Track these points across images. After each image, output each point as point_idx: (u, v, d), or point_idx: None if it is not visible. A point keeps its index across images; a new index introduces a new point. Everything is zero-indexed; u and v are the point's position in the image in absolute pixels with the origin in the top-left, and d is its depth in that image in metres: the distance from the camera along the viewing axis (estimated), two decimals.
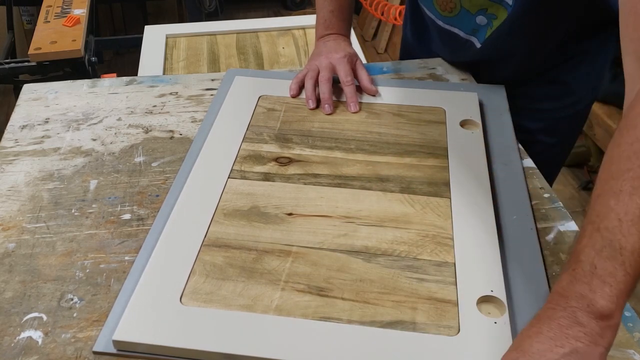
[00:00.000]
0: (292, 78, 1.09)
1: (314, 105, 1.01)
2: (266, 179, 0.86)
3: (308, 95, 1.02)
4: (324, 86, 1.02)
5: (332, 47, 1.08)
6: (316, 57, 1.08)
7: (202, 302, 0.68)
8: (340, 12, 1.12)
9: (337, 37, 1.11)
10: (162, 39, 1.60)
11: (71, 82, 1.13)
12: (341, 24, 1.13)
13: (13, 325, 0.67)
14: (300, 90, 1.05)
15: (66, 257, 0.75)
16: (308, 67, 1.07)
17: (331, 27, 1.12)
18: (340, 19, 1.12)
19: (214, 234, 0.77)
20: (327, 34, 1.11)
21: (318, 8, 1.14)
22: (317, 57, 1.08)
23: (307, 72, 1.06)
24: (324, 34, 1.12)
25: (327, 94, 1.01)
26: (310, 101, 1.01)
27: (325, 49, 1.09)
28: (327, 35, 1.11)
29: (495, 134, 0.96)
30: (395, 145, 0.94)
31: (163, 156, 0.93)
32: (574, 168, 2.47)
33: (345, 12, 1.13)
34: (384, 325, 0.65)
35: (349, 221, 0.79)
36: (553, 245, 0.77)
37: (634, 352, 0.63)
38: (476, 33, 1.05)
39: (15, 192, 0.86)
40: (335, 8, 1.12)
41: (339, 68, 1.04)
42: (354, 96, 1.01)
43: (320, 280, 0.70)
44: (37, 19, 2.06)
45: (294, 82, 1.05)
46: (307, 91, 1.03)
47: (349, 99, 1.01)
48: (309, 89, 1.02)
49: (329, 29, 1.11)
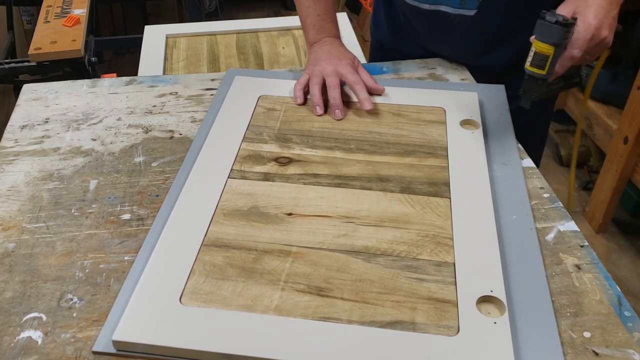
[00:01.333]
0: (292, 78, 1.09)
1: (322, 112, 1.00)
2: (266, 179, 0.86)
3: (316, 101, 1.01)
4: (334, 92, 1.01)
5: (331, 52, 1.08)
6: (317, 62, 1.07)
7: (202, 302, 0.68)
8: (328, 15, 1.12)
9: (333, 41, 1.11)
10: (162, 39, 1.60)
11: (71, 82, 1.13)
12: (332, 26, 1.13)
13: (13, 325, 0.67)
14: (306, 96, 1.04)
15: (66, 257, 0.75)
16: (310, 73, 1.05)
17: (323, 31, 1.11)
18: (329, 21, 1.12)
19: (214, 234, 0.77)
20: (320, 38, 1.11)
21: (303, 15, 1.13)
22: (318, 62, 1.06)
23: (309, 78, 1.04)
24: (317, 39, 1.11)
25: (337, 99, 1.00)
26: (318, 107, 1.00)
27: (324, 54, 1.08)
28: (321, 40, 1.11)
29: (495, 134, 0.96)
30: (395, 145, 0.94)
31: (163, 156, 0.93)
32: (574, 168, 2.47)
33: (332, 14, 1.13)
34: (383, 325, 0.65)
35: (349, 221, 0.79)
36: (553, 245, 0.77)
37: (634, 352, 0.63)
38: (465, 3, 1.06)
39: (15, 192, 0.86)
40: (322, 12, 1.11)
41: (344, 72, 1.03)
42: (366, 94, 1.01)
43: (320, 280, 0.70)
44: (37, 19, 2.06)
45: (298, 89, 1.04)
46: (314, 97, 1.01)
47: (361, 98, 1.00)
48: (317, 95, 1.01)
49: (321, 33, 1.11)
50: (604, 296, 0.70)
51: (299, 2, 1.13)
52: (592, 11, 0.83)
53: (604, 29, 0.83)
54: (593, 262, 0.74)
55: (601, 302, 0.69)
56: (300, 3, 1.13)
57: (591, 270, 0.73)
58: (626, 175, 2.04)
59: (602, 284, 0.71)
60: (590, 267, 0.74)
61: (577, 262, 0.74)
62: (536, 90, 0.86)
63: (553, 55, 0.83)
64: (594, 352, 0.63)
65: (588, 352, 0.64)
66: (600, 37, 0.83)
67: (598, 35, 0.83)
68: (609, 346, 0.64)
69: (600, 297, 0.70)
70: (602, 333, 0.65)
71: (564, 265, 0.74)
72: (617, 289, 0.71)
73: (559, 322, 0.66)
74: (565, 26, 0.81)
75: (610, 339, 0.65)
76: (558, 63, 0.84)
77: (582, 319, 0.67)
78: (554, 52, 0.82)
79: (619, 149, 2.02)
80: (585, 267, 0.74)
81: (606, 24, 0.83)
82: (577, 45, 0.83)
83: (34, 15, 3.00)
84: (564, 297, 0.70)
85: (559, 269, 0.73)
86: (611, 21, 0.84)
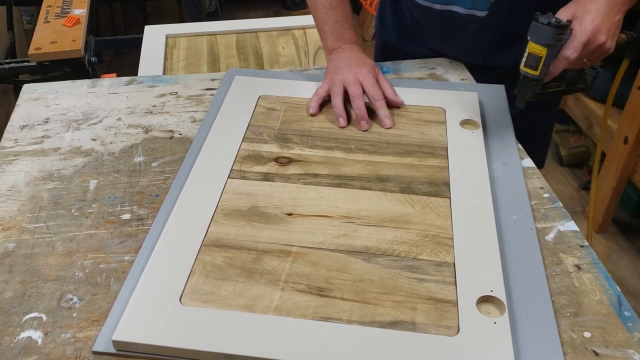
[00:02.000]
0: (292, 78, 1.09)
1: (345, 124, 0.97)
2: (266, 179, 0.86)
3: (339, 113, 0.98)
4: (359, 102, 0.98)
5: (352, 60, 1.04)
6: (337, 70, 1.04)
7: (202, 302, 0.68)
8: (345, 21, 1.09)
9: (352, 47, 1.07)
10: (162, 39, 1.60)
11: (71, 82, 1.13)
12: (350, 32, 1.09)
13: (13, 325, 0.67)
14: (321, 108, 1.01)
15: (66, 257, 0.75)
16: (330, 83, 1.02)
17: (341, 38, 1.08)
18: (348, 27, 1.09)
19: (214, 234, 0.77)
20: (339, 45, 1.07)
21: (320, 21, 1.10)
22: (338, 71, 1.03)
23: (330, 88, 1.02)
24: (336, 46, 1.08)
25: (362, 109, 0.97)
26: (341, 119, 0.97)
27: (344, 61, 1.04)
28: (340, 47, 1.07)
29: (495, 134, 0.96)
30: (395, 145, 0.94)
31: (163, 156, 0.93)
32: (574, 168, 2.47)
33: (350, 20, 1.10)
34: (384, 325, 0.65)
35: (349, 221, 0.79)
36: (553, 245, 0.77)
37: (634, 352, 0.63)
38: (477, 5, 1.05)
39: (15, 192, 0.86)
40: (340, 18, 1.08)
41: (365, 83, 1.00)
42: (387, 111, 0.98)
43: (320, 280, 0.70)
44: (37, 19, 2.06)
45: (315, 100, 1.01)
46: (337, 109, 0.99)
47: (381, 115, 0.98)
48: (340, 106, 0.99)
49: (340, 40, 1.08)
50: (604, 296, 0.70)
51: (315, 8, 1.10)
52: (590, 16, 0.83)
53: (601, 34, 0.83)
54: (593, 262, 0.74)
55: (601, 302, 0.69)
56: (316, 9, 1.10)
57: (591, 270, 0.73)
58: (626, 175, 2.04)
59: (602, 284, 0.71)
60: (590, 267, 0.74)
61: (577, 262, 0.74)
62: (530, 91, 0.87)
63: (545, 57, 0.84)
64: (594, 352, 0.63)
65: (588, 352, 0.64)
66: (597, 41, 0.83)
67: (594, 39, 0.83)
68: (609, 346, 0.64)
69: (600, 297, 0.70)
70: (602, 333, 0.65)
71: (564, 265, 0.74)
72: (617, 289, 0.71)
73: (559, 322, 0.66)
74: (557, 28, 0.81)
75: (610, 339, 0.65)
76: (552, 64, 0.84)
77: (582, 319, 0.67)
78: (546, 53, 0.83)
79: (619, 149, 2.02)
80: (585, 267, 0.74)
81: (604, 29, 0.83)
82: (572, 48, 0.83)
83: (34, 15, 3.00)
84: (564, 297, 0.70)
85: (559, 269, 0.73)
86: (610, 27, 0.83)
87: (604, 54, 0.85)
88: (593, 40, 0.83)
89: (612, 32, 0.84)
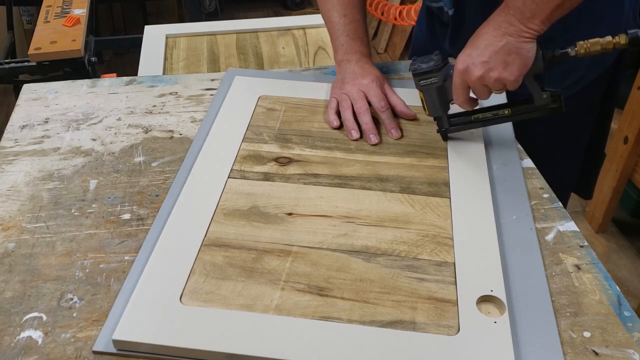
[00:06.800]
0: (292, 79, 1.09)
1: (358, 136, 0.96)
2: (266, 179, 0.86)
3: (351, 126, 0.97)
4: (365, 117, 0.97)
5: (357, 72, 1.03)
6: (342, 84, 1.03)
7: (202, 301, 0.68)
8: (357, 35, 1.07)
9: (360, 59, 1.06)
10: (162, 39, 1.59)
11: (71, 82, 1.13)
12: (360, 44, 1.07)
13: (13, 325, 0.67)
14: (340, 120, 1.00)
15: (66, 257, 0.75)
16: (337, 97, 1.02)
17: (351, 51, 1.07)
18: (358, 41, 1.07)
19: (214, 234, 0.77)
20: (347, 58, 1.06)
21: (333, 33, 1.08)
22: (342, 85, 1.03)
23: (339, 102, 1.01)
24: (345, 58, 1.06)
25: (370, 124, 0.97)
26: (353, 131, 0.96)
27: (349, 75, 1.03)
28: (347, 59, 1.06)
29: (495, 134, 0.96)
30: (395, 145, 0.94)
31: (163, 156, 0.93)
32: None
33: (361, 33, 1.08)
34: (384, 324, 0.65)
35: (349, 221, 0.79)
36: (553, 245, 0.77)
37: (634, 352, 0.63)
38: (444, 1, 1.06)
39: (15, 192, 0.86)
40: (350, 32, 1.07)
41: (370, 94, 1.00)
42: (393, 121, 0.98)
43: (320, 280, 0.71)
44: (37, 19, 2.06)
45: (331, 113, 1.00)
46: (348, 122, 0.98)
47: (388, 126, 0.97)
48: (351, 120, 0.98)
49: (349, 53, 1.06)
50: (603, 296, 0.70)
51: (329, 19, 1.09)
52: (463, 54, 0.84)
53: (474, 70, 0.82)
54: (593, 262, 0.74)
55: (601, 302, 0.69)
56: (330, 20, 1.09)
57: (591, 270, 0.73)
58: (626, 175, 2.04)
59: (602, 284, 0.72)
60: (590, 267, 0.74)
61: (577, 262, 0.74)
62: (440, 126, 0.93)
63: (425, 99, 0.91)
64: (594, 352, 0.64)
65: (588, 352, 0.64)
66: (470, 78, 0.83)
67: (468, 77, 0.83)
68: (608, 346, 0.64)
69: (600, 297, 0.70)
70: (602, 333, 0.66)
71: (564, 265, 0.74)
72: (616, 289, 0.71)
73: (559, 322, 0.67)
74: (416, 75, 0.88)
75: (610, 339, 0.65)
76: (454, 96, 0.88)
77: (582, 318, 0.67)
78: (422, 95, 0.91)
79: (619, 149, 2.02)
80: (585, 267, 0.74)
81: (476, 64, 0.82)
82: (453, 87, 0.86)
83: (34, 15, 3.00)
84: (564, 297, 0.70)
85: (559, 269, 0.73)
86: (487, 58, 0.81)
87: (502, 82, 0.82)
88: (466, 79, 0.84)
89: (492, 63, 0.81)
